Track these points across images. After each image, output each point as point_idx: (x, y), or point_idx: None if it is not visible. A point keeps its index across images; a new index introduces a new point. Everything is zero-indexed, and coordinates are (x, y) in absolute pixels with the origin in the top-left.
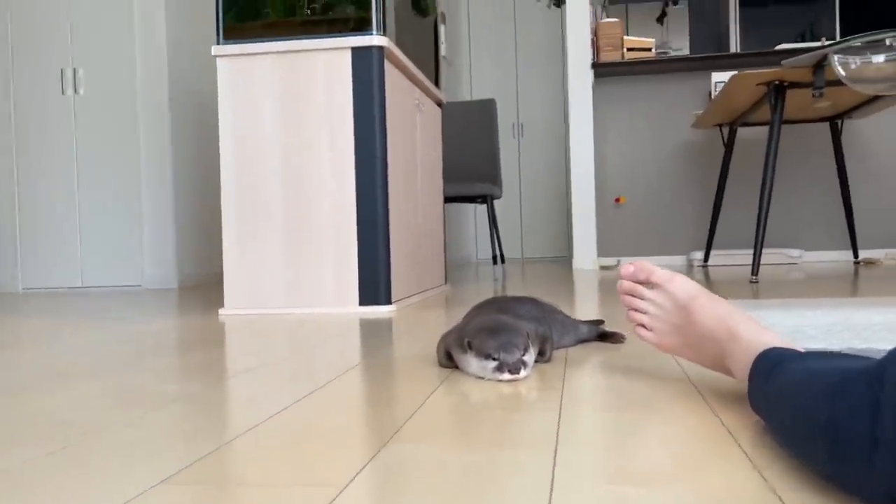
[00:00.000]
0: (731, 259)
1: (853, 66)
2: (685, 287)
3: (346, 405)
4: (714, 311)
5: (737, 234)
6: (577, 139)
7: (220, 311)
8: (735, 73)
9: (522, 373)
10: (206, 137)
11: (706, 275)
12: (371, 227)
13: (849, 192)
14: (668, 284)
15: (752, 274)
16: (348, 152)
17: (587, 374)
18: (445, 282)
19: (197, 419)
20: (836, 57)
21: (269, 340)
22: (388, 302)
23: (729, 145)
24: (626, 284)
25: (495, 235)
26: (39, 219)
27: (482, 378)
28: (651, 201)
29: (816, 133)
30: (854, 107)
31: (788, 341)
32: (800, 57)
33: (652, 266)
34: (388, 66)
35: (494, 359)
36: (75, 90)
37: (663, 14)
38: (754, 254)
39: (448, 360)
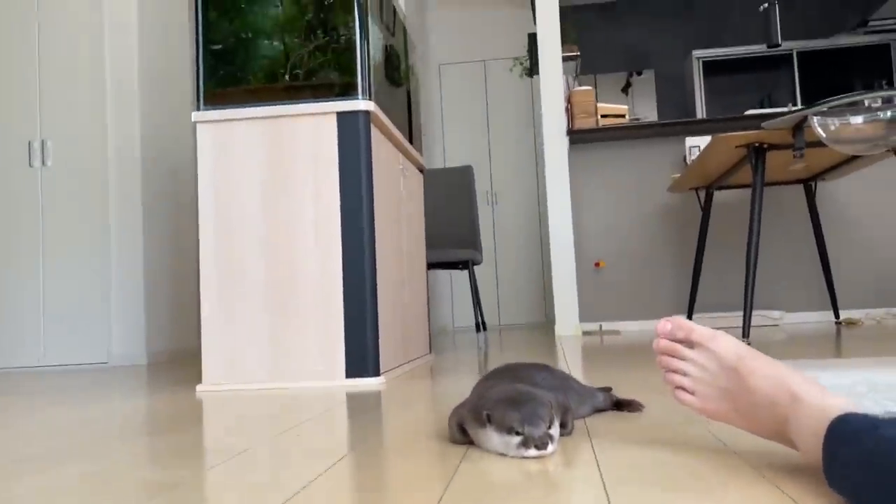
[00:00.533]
0: (714, 322)
1: (832, 128)
2: (732, 346)
3: (359, 496)
4: (769, 372)
5: (717, 297)
6: (554, 205)
7: (198, 386)
8: (714, 135)
9: (550, 448)
10: (179, 206)
11: None
12: (358, 295)
13: (826, 252)
14: (711, 343)
15: (743, 336)
16: (334, 218)
17: (618, 447)
18: (430, 351)
19: None
20: (815, 119)
21: (255, 418)
22: (377, 373)
23: (706, 208)
24: (664, 343)
25: (477, 304)
26: (1, 294)
27: (504, 455)
28: (631, 265)
29: (791, 195)
30: (827, 168)
31: (858, 406)
32: (781, 119)
33: (691, 323)
34: (373, 130)
35: (518, 433)
36: (43, 162)
37: (628, 84)
38: (744, 316)
39: (462, 436)
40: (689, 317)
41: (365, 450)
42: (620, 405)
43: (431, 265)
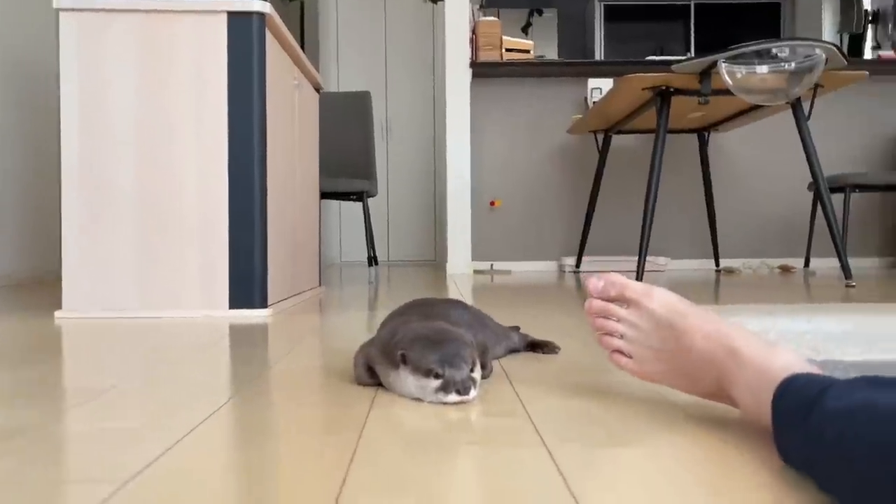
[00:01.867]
0: (603, 266)
1: (739, 76)
2: (667, 301)
3: (250, 441)
4: (708, 329)
5: (608, 241)
6: (453, 140)
7: (57, 313)
8: (623, 76)
9: (472, 393)
10: (42, 111)
11: (579, 281)
12: (246, 218)
13: (713, 202)
14: (644, 300)
15: (637, 279)
16: (220, 134)
17: (543, 394)
18: (320, 284)
19: (35, 468)
20: (724, 65)
21: (124, 351)
22: (264, 305)
23: (604, 152)
24: (597, 304)
25: (370, 237)
26: None
27: (419, 400)
28: (525, 205)
29: (683, 145)
30: (721, 119)
31: (809, 364)
32: (691, 62)
33: (624, 279)
34: (268, 36)
35: (438, 376)
36: None
37: (528, 24)
38: (639, 260)
39: (370, 377)
40: (580, 259)
41: (257, 391)
42: (535, 346)
43: (324, 195)
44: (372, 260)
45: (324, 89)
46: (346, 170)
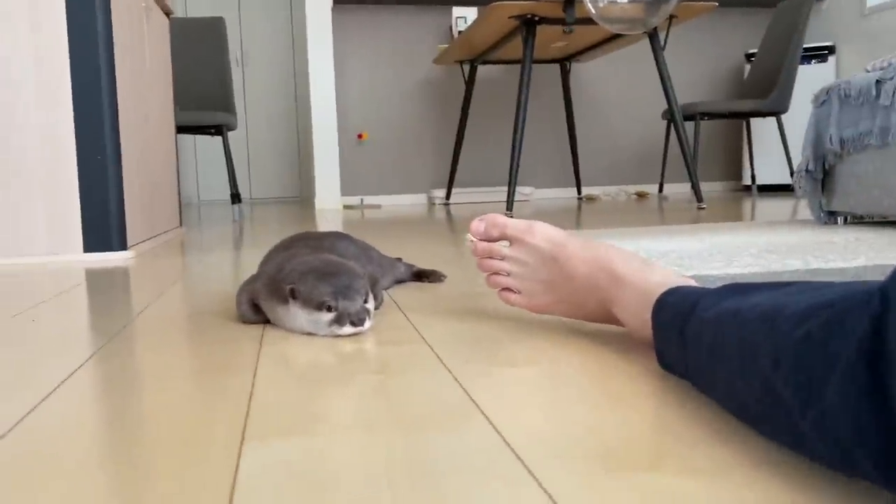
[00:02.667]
0: (471, 197)
1: (601, 4)
2: (547, 234)
3: (134, 390)
4: (588, 255)
5: (476, 173)
6: (316, 70)
7: None
8: (484, 6)
9: (367, 324)
10: None
11: (449, 212)
12: (96, 152)
13: (575, 133)
14: (526, 236)
15: (507, 209)
16: (60, 58)
17: (436, 321)
18: (181, 224)
19: None
20: None
21: None
22: (124, 247)
23: (470, 82)
24: (482, 246)
25: (232, 173)
26: None
27: (312, 334)
28: (393, 138)
29: (547, 75)
30: (583, 49)
31: (684, 277)
32: None
33: (505, 218)
34: None
35: (331, 308)
36: None
37: None
38: (509, 190)
39: (255, 314)
40: (449, 191)
41: (128, 339)
42: (421, 275)
43: (180, 129)
44: (235, 197)
45: (174, 14)
46: (203, 102)
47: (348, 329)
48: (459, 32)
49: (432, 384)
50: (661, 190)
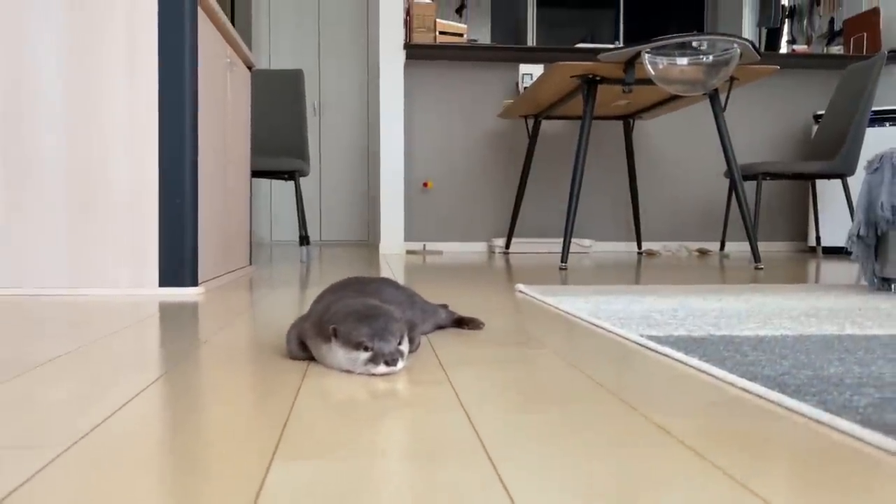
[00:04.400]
0: (529, 247)
1: (660, 66)
2: None
3: (184, 412)
4: None
5: (536, 224)
6: (387, 121)
7: None
8: (552, 63)
9: (400, 364)
10: None
11: (508, 262)
12: (176, 195)
13: (636, 187)
14: None
15: (562, 261)
16: (151, 108)
17: (467, 366)
18: (250, 263)
19: None
20: (647, 55)
21: (54, 328)
22: (195, 283)
23: (533, 136)
24: None
25: (302, 216)
26: None
27: (350, 372)
28: (458, 187)
29: (610, 131)
30: (645, 107)
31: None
32: (616, 52)
33: None
34: (200, 13)
35: (367, 348)
36: None
37: (462, 6)
38: (564, 242)
39: (302, 351)
40: (509, 241)
41: (189, 366)
42: (461, 322)
43: (255, 174)
44: (304, 239)
45: (256, 67)
46: (278, 149)
47: (382, 368)
48: (525, 88)
49: (448, 423)
50: (722, 248)
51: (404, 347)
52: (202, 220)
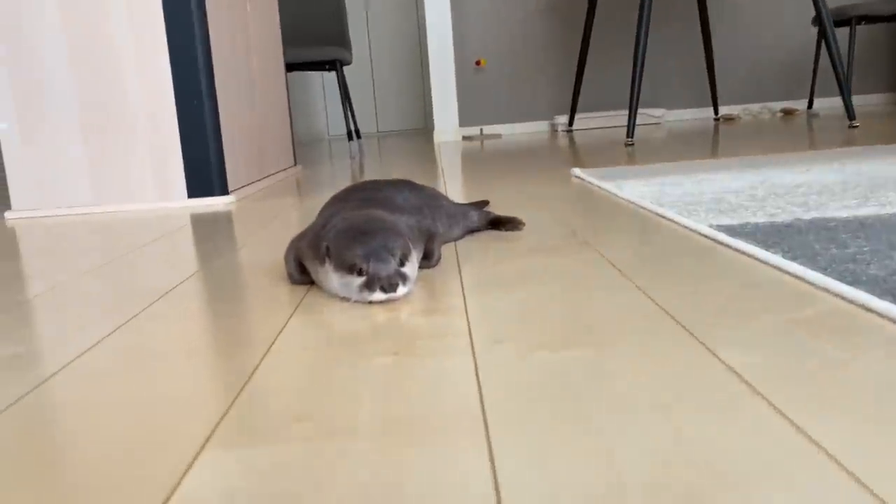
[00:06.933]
0: (595, 122)
1: None
2: None
3: (147, 360)
4: None
5: (599, 97)
6: None
7: (7, 214)
8: None
9: (401, 289)
10: None
11: (571, 140)
12: (193, 102)
13: (711, 46)
14: None
15: (628, 136)
16: (154, 8)
17: (492, 285)
18: (295, 163)
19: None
20: None
21: (78, 245)
22: (225, 192)
23: (592, 4)
24: None
25: (348, 108)
26: None
27: (348, 299)
28: (513, 64)
29: None
30: None
31: None
32: None
33: None
34: None
35: (361, 271)
36: None
37: None
38: (629, 116)
39: (302, 275)
40: (573, 117)
41: (182, 293)
42: (498, 223)
43: (292, 66)
44: (352, 133)
45: None
46: (316, 37)
47: (378, 295)
48: None
49: (447, 372)
50: (810, 106)
51: (409, 269)
52: (226, 120)
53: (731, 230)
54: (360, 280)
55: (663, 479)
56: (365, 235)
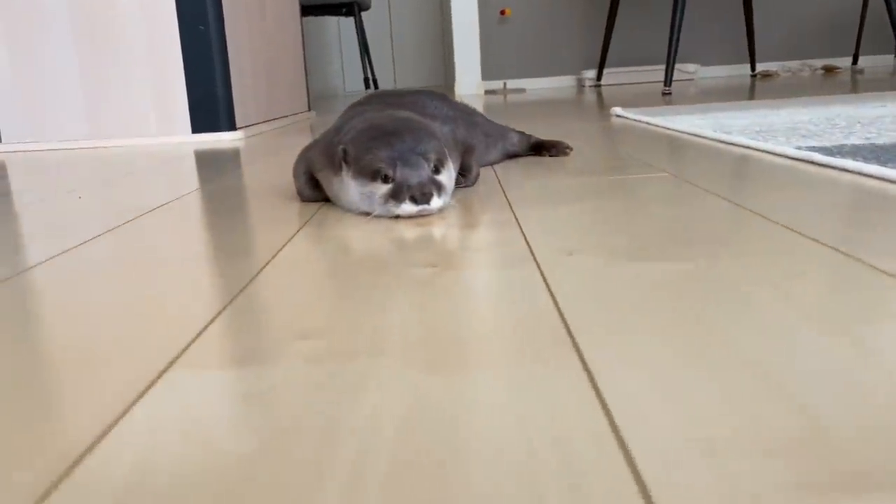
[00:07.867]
0: (625, 77)
1: None
2: None
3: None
4: None
5: (631, 50)
6: None
7: None
8: None
9: (435, 202)
10: None
11: (600, 94)
12: (199, 32)
13: (751, 2)
14: None
15: (666, 84)
16: None
17: (549, 202)
18: (309, 109)
19: None
20: None
21: (65, 176)
22: (233, 127)
23: None
24: None
25: (366, 57)
26: None
27: (368, 214)
28: (539, 14)
29: None
30: None
31: None
32: None
33: None
34: None
35: (387, 178)
36: None
37: None
38: (667, 64)
39: (313, 189)
40: (601, 72)
41: (182, 204)
42: (541, 147)
43: (307, 9)
44: (370, 82)
45: None
46: None
47: (408, 207)
48: None
49: (504, 284)
50: (855, 62)
51: (444, 178)
52: (235, 50)
53: (825, 151)
54: (385, 188)
55: (864, 408)
56: (391, 136)
